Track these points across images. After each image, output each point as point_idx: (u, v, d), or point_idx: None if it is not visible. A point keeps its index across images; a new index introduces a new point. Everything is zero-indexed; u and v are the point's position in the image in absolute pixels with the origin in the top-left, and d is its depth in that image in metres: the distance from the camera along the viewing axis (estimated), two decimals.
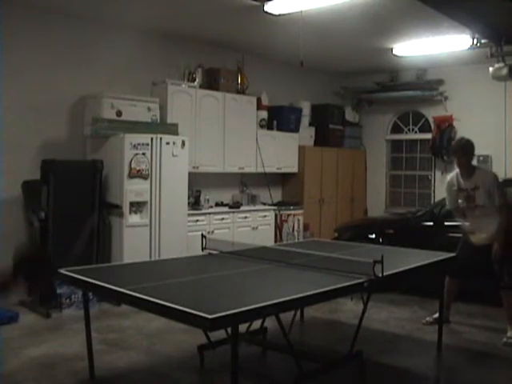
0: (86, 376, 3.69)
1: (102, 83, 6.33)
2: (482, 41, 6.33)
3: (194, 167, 6.85)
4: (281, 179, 8.62)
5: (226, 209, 7.34)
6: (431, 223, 6.10)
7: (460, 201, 4.75)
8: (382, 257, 3.27)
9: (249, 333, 4.13)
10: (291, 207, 8.10)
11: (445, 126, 8.62)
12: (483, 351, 4.40)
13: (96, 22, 6.29)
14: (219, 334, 3.35)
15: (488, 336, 4.77)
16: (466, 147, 4.69)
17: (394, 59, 8.02)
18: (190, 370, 3.94)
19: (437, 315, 4.74)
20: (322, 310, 5.41)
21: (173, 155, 6.16)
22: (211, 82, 7.38)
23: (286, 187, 8.68)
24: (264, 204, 7.98)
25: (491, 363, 4.18)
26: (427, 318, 5.12)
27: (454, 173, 4.85)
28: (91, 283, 3.24)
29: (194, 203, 6.93)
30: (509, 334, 4.62)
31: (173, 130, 6.40)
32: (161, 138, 6.07)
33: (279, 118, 8.20)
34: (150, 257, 5.92)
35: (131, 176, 5.81)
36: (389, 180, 9.75)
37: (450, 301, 5.05)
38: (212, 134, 7.21)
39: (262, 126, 7.97)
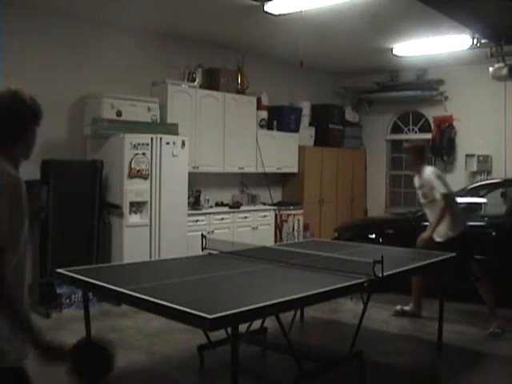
0: None
1: (102, 83, 6.33)
2: (482, 41, 6.32)
3: (194, 167, 6.85)
4: (281, 179, 8.62)
5: (226, 209, 7.34)
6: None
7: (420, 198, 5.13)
8: (382, 257, 3.28)
9: (249, 333, 4.13)
10: (291, 207, 8.10)
11: (445, 126, 8.62)
12: (483, 351, 4.40)
13: (96, 22, 6.29)
14: (219, 334, 3.35)
15: (487, 336, 4.76)
16: (417, 150, 5.12)
17: (394, 59, 8.02)
18: (190, 370, 3.95)
19: (407, 307, 5.22)
20: (322, 309, 5.41)
21: (173, 155, 6.16)
22: (211, 81, 7.38)
23: (286, 187, 8.68)
24: (264, 204, 7.98)
25: (491, 363, 4.18)
26: (397, 307, 5.34)
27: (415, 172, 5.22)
28: (91, 283, 3.24)
29: (194, 203, 6.93)
30: (494, 324, 4.75)
31: (173, 130, 6.40)
32: (161, 138, 6.07)
33: (279, 118, 8.20)
34: (150, 257, 5.92)
35: (131, 176, 5.81)
36: (389, 180, 9.74)
37: (421, 296, 5.27)
38: (212, 133, 7.21)
39: (262, 126, 7.96)
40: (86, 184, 5.75)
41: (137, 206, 5.90)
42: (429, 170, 5.02)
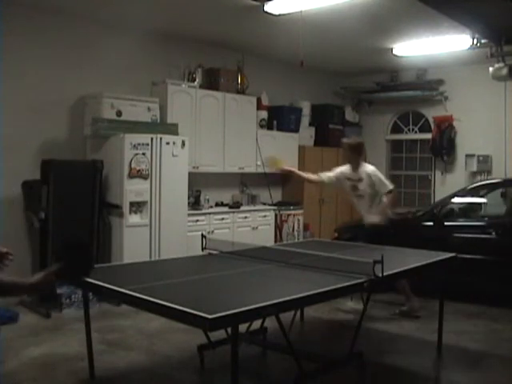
0: (85, 376, 3.70)
1: (102, 83, 6.33)
2: (482, 41, 6.32)
3: (194, 167, 6.85)
4: (281, 179, 8.62)
5: (226, 209, 7.34)
6: (431, 223, 6.09)
7: (348, 188, 5.62)
8: (382, 257, 3.28)
9: (249, 333, 4.13)
10: (291, 207, 8.10)
11: (445, 126, 8.62)
12: (483, 351, 4.40)
13: (96, 22, 6.29)
14: (219, 334, 3.35)
15: (488, 336, 4.77)
16: (354, 147, 5.58)
17: (394, 59, 8.02)
18: (190, 370, 3.94)
19: (404, 308, 5.40)
20: (322, 310, 5.41)
21: (173, 155, 6.16)
22: (211, 81, 7.38)
23: (286, 187, 8.68)
24: (264, 204, 7.98)
25: (491, 363, 4.17)
26: (396, 311, 5.44)
27: (349, 165, 5.65)
28: (91, 283, 3.24)
29: (194, 203, 6.93)
30: (407, 305, 5.34)
31: (173, 130, 6.40)
32: (161, 138, 6.06)
33: (279, 118, 8.20)
34: (150, 257, 5.92)
35: (131, 176, 5.81)
36: (389, 180, 9.72)
37: (409, 290, 5.42)
38: (212, 133, 7.21)
39: (262, 126, 7.96)
40: (86, 184, 5.75)
41: (137, 206, 5.90)
42: (372, 168, 5.51)
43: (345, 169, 5.67)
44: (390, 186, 5.41)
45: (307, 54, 6.18)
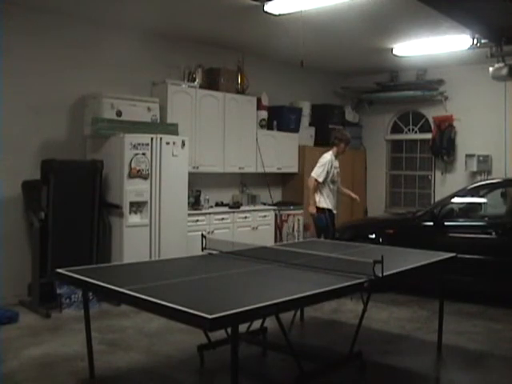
0: (86, 376, 3.70)
1: (102, 83, 6.33)
2: (482, 41, 6.31)
3: (194, 167, 6.85)
4: (281, 179, 8.62)
5: (226, 209, 7.34)
6: (431, 223, 6.09)
7: (334, 177, 6.45)
8: (382, 257, 3.28)
9: (249, 333, 4.13)
10: (291, 207, 8.10)
11: (445, 126, 8.62)
12: (483, 351, 4.40)
13: (96, 22, 6.29)
14: (219, 334, 3.35)
15: (488, 336, 4.77)
16: (347, 139, 6.58)
17: (394, 59, 8.02)
18: (190, 370, 3.94)
19: None
20: (322, 310, 5.41)
21: (173, 155, 6.16)
22: (211, 82, 7.38)
23: (285, 187, 8.68)
24: (264, 204, 7.98)
25: (491, 363, 4.18)
26: None
27: (332, 155, 6.52)
28: (91, 283, 3.24)
29: (194, 203, 6.93)
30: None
31: (173, 130, 6.40)
32: (161, 138, 6.06)
33: (279, 118, 8.20)
34: (150, 257, 5.92)
35: (131, 176, 5.81)
36: (389, 180, 9.74)
37: None
38: (212, 134, 7.21)
39: (262, 126, 7.96)
40: (86, 184, 5.75)
41: (137, 206, 5.90)
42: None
43: (331, 157, 6.52)
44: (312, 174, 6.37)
45: (307, 54, 6.19)
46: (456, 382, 3.89)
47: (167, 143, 6.11)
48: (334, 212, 6.48)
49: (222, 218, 7.10)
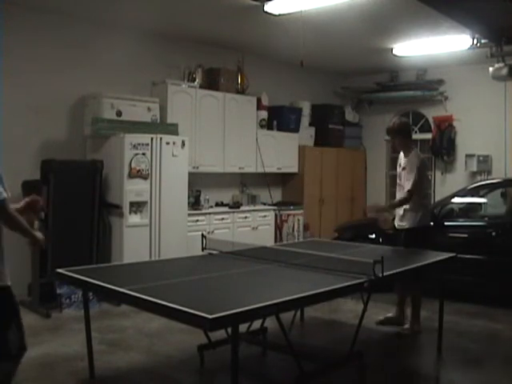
0: (85, 376, 3.69)
1: (102, 83, 6.33)
2: (482, 41, 6.32)
3: (194, 167, 6.85)
4: (281, 179, 8.62)
5: (226, 209, 7.34)
6: (431, 223, 6.08)
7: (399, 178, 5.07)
8: (382, 257, 3.28)
9: (249, 333, 4.13)
10: (291, 207, 8.09)
11: (445, 126, 8.62)
12: (483, 351, 4.40)
13: (96, 21, 6.29)
14: (219, 334, 3.35)
15: (488, 336, 4.77)
16: (399, 128, 4.96)
17: (394, 59, 8.01)
18: (190, 370, 3.94)
19: (389, 315, 5.08)
20: (322, 310, 5.41)
21: (173, 155, 6.16)
22: (211, 82, 7.37)
23: (285, 187, 8.68)
24: (264, 204, 7.98)
25: (491, 363, 4.17)
26: (380, 318, 5.13)
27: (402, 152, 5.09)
28: (91, 283, 3.24)
29: (194, 203, 6.93)
30: (408, 325, 4.81)
31: (173, 130, 6.40)
32: (161, 138, 6.06)
33: (279, 118, 8.20)
34: (150, 257, 5.92)
35: (131, 176, 5.81)
36: (389, 180, 9.73)
37: (403, 305, 5.10)
38: (212, 134, 7.21)
39: (262, 126, 7.96)
40: (86, 184, 5.75)
41: (137, 206, 5.90)
42: (421, 159, 4.94)
43: (400, 156, 5.09)
44: (409, 187, 4.75)
45: (307, 54, 6.18)
46: (456, 382, 3.89)
47: (167, 143, 6.11)
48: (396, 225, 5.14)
49: (222, 218, 7.10)
